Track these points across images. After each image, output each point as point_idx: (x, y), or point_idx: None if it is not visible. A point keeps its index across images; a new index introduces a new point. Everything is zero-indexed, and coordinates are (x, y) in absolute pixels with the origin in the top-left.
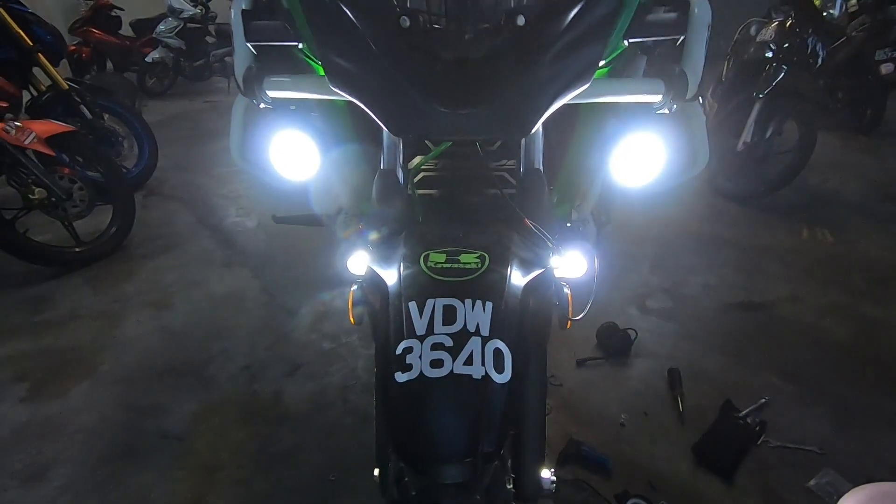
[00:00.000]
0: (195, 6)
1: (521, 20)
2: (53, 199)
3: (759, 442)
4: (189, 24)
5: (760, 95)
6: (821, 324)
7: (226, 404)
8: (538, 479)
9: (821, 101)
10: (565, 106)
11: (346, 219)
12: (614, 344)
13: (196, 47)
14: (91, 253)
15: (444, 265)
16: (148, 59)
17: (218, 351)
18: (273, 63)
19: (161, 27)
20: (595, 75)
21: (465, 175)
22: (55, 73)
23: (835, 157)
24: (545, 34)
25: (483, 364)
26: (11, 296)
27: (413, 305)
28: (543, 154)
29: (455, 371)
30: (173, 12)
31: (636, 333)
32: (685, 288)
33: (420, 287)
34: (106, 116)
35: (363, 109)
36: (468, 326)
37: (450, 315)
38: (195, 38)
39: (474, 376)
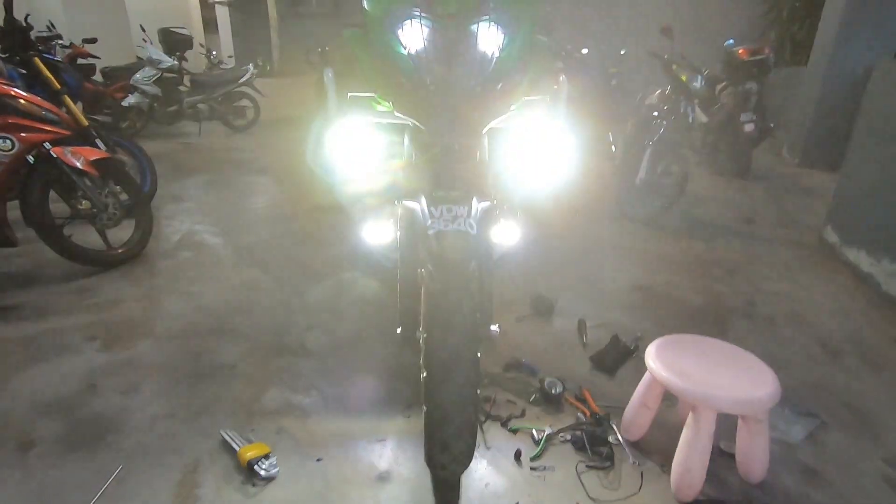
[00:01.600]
0: (172, 59)
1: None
2: (95, 209)
3: (633, 355)
4: (166, 74)
5: (650, 143)
6: (685, 296)
7: (262, 348)
8: (489, 327)
9: (693, 147)
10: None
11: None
12: (542, 307)
13: (170, 94)
14: (122, 255)
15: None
16: (125, 104)
17: (245, 319)
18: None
19: (138, 76)
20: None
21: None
22: (77, 111)
23: (716, 194)
24: (492, 86)
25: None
26: (60, 286)
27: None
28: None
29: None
30: (152, 62)
31: (557, 300)
32: (594, 275)
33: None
34: (116, 149)
35: (405, 123)
36: (459, 214)
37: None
38: (170, 86)
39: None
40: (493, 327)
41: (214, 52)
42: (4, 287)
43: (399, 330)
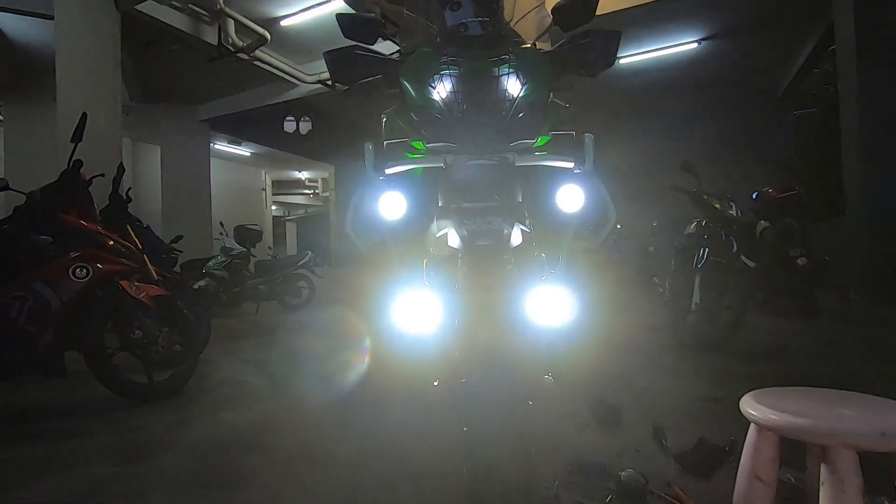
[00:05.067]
0: (242, 247)
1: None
2: (146, 341)
3: (730, 457)
4: (235, 260)
5: (697, 269)
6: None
7: (284, 459)
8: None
9: (748, 293)
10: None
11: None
12: (606, 415)
13: (236, 277)
14: (162, 389)
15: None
16: (195, 286)
17: (273, 437)
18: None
19: (211, 262)
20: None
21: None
22: (151, 269)
23: (784, 328)
24: (515, 115)
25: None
26: (93, 415)
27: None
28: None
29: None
30: (225, 251)
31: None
32: (658, 386)
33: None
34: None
35: (437, 166)
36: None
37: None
38: (236, 270)
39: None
40: (547, 376)
41: (279, 256)
42: (44, 414)
43: (436, 382)
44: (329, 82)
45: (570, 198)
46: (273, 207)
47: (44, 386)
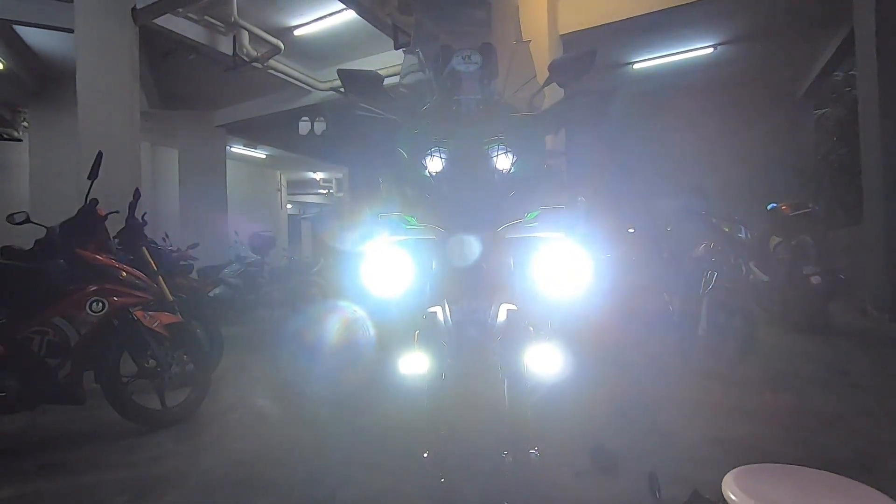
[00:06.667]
0: (256, 255)
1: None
2: (160, 369)
3: None
4: (249, 268)
5: (705, 294)
6: (777, 449)
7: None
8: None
9: (761, 305)
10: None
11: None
12: (603, 460)
13: (251, 285)
14: (175, 415)
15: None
16: (211, 294)
17: (279, 473)
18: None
19: (226, 270)
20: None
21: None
22: (166, 289)
23: (796, 348)
24: (504, 194)
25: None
26: (109, 444)
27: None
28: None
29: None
30: (240, 259)
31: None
32: (662, 427)
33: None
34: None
35: (428, 238)
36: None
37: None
38: (251, 278)
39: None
40: (533, 451)
41: (293, 257)
42: (61, 443)
43: (426, 454)
44: (342, 89)
45: (556, 267)
46: (289, 206)
47: (63, 408)
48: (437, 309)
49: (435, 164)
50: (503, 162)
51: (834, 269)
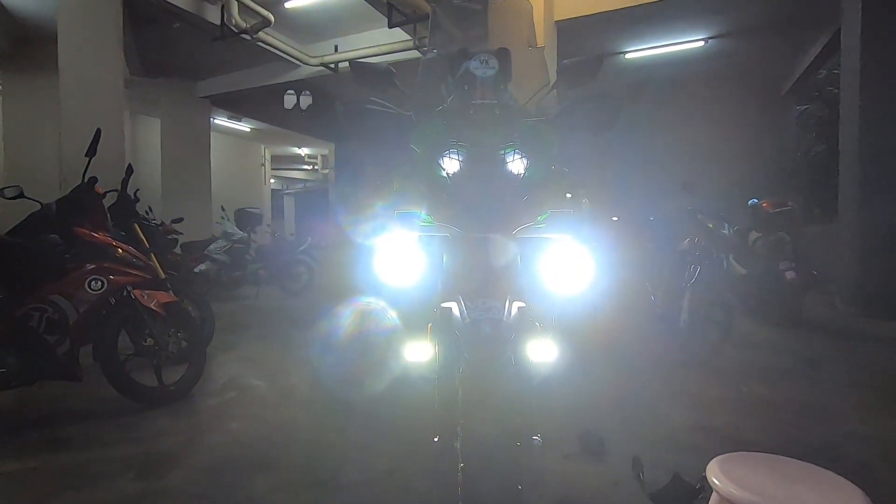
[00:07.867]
0: (243, 232)
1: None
2: (157, 347)
3: (699, 495)
4: (236, 245)
5: (687, 287)
6: (754, 438)
7: (294, 481)
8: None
9: (739, 298)
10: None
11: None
12: (590, 444)
13: (237, 262)
14: (173, 393)
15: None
16: (196, 270)
17: (282, 454)
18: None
19: (212, 246)
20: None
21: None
22: (158, 266)
23: (769, 341)
24: (518, 198)
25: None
26: (110, 420)
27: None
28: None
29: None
30: (226, 236)
31: (606, 437)
32: (645, 414)
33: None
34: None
35: (443, 235)
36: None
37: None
38: (238, 255)
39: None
40: (535, 437)
41: (278, 233)
42: (60, 419)
43: (436, 439)
44: (332, 66)
45: (562, 266)
46: (272, 181)
47: (59, 384)
48: (452, 304)
49: (452, 164)
50: (517, 166)
51: (808, 264)
